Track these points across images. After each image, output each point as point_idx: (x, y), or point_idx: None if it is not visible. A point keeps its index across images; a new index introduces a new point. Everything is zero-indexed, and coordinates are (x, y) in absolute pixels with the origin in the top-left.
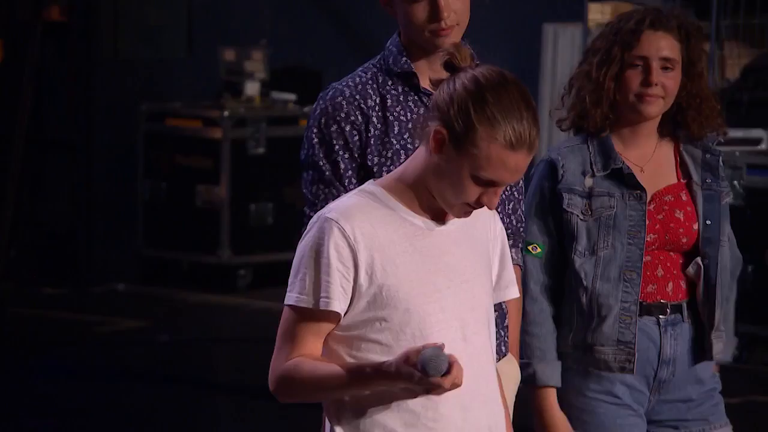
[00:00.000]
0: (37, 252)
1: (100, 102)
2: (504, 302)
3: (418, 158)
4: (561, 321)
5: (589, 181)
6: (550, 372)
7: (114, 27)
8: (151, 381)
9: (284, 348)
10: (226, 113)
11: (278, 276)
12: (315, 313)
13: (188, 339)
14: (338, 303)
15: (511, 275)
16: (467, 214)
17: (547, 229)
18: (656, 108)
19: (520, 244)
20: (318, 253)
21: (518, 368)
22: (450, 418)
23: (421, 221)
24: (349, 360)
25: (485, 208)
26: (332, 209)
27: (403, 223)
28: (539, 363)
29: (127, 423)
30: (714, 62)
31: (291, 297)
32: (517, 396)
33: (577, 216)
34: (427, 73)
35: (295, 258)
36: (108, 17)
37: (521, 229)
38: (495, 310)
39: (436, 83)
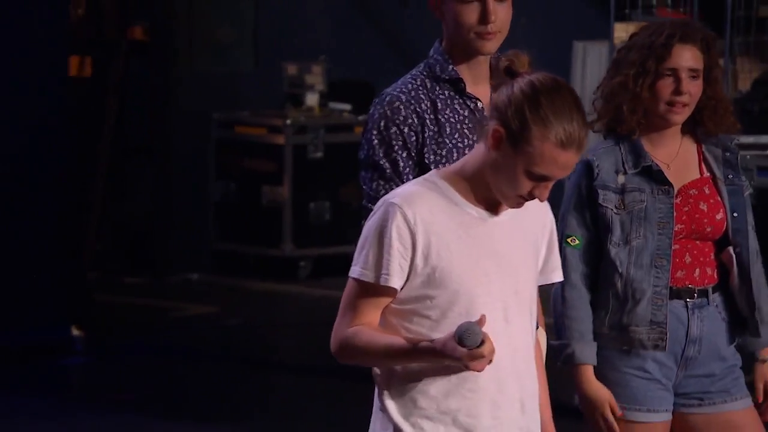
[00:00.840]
0: (121, 246)
1: (176, 112)
2: None
3: (476, 154)
4: (597, 305)
5: (621, 179)
6: (588, 351)
7: (189, 45)
8: (221, 360)
9: (346, 316)
10: (288, 121)
11: (335, 267)
12: (375, 288)
13: (254, 323)
14: (396, 279)
15: (557, 261)
16: (520, 205)
17: (584, 223)
18: (683, 117)
19: None
20: (381, 234)
21: (545, 337)
22: (486, 390)
23: (476, 211)
24: (402, 332)
25: (535, 204)
26: (397, 195)
27: (459, 212)
28: (578, 343)
29: (199, 397)
30: (728, 75)
31: (355, 270)
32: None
33: (612, 210)
34: (469, 76)
35: (361, 236)
36: (184, 36)
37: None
38: None
39: (495, 87)
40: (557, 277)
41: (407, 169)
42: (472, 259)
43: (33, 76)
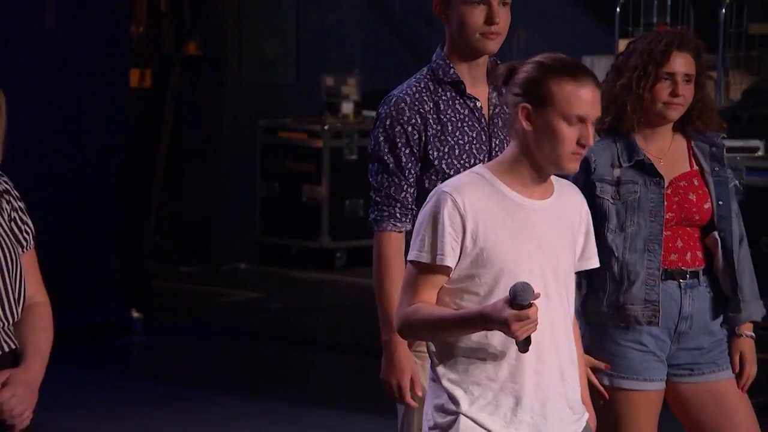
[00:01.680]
0: (176, 238)
1: (226, 119)
2: None
3: (512, 146)
4: (596, 287)
5: (617, 172)
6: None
7: (238, 59)
8: (264, 340)
9: (407, 295)
10: (326, 127)
11: (367, 257)
12: (432, 267)
13: (294, 307)
14: (450, 259)
15: (594, 249)
16: (577, 160)
17: None
18: (678, 114)
19: None
20: (435, 219)
21: None
22: (528, 360)
23: (519, 198)
24: (454, 308)
25: (574, 194)
26: (448, 185)
27: (504, 199)
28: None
29: (245, 372)
30: (720, 86)
31: (413, 254)
32: None
33: (608, 200)
34: (469, 79)
35: (416, 223)
36: (233, 51)
37: None
38: None
39: (499, 87)
40: (594, 263)
41: (409, 164)
42: (515, 241)
43: (98, 87)
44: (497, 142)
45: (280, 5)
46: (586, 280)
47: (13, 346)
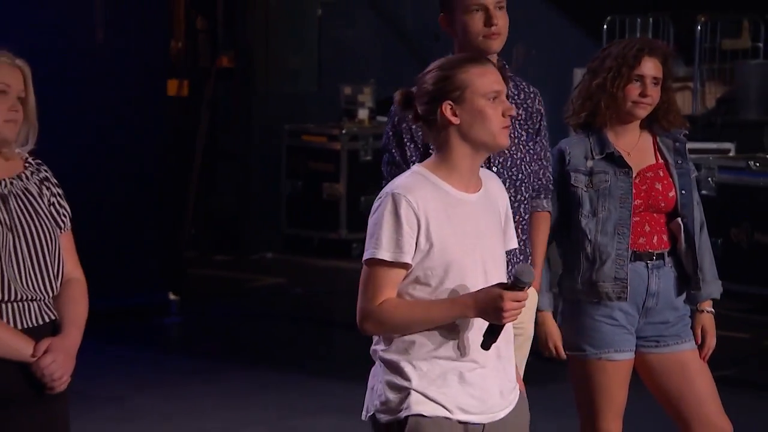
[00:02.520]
0: (211, 230)
1: (255, 124)
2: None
3: (441, 148)
4: (571, 266)
5: (590, 163)
6: (547, 301)
7: (265, 70)
8: (288, 320)
9: (369, 294)
10: (344, 131)
11: None
12: (393, 264)
13: (315, 291)
14: (409, 256)
15: (512, 232)
16: (507, 131)
17: (555, 199)
18: (645, 112)
19: (550, 196)
20: (393, 219)
21: (536, 298)
22: (471, 338)
23: (458, 194)
24: (406, 299)
25: (496, 184)
26: (397, 186)
27: (446, 196)
28: (539, 295)
29: (270, 348)
30: (697, 95)
31: (370, 252)
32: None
33: (582, 189)
34: None
35: (370, 225)
36: (261, 64)
37: (550, 185)
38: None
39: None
40: (513, 245)
41: (413, 157)
42: (459, 234)
43: (140, 96)
44: None
45: (303, 22)
46: (561, 259)
47: (53, 317)
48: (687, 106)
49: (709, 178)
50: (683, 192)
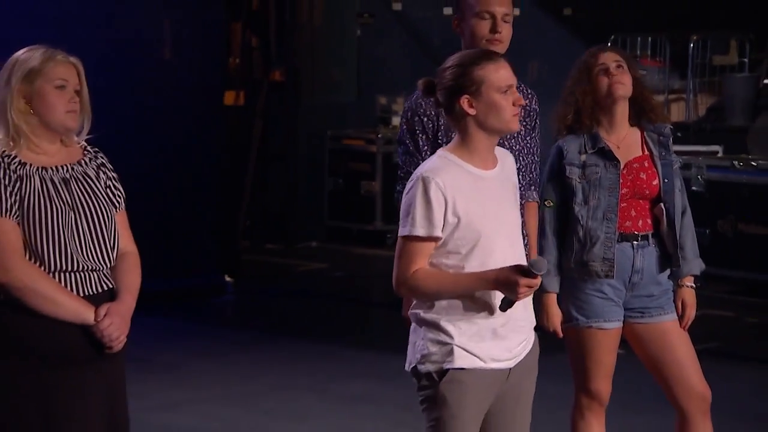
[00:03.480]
0: (263, 222)
1: (302, 130)
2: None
3: (461, 134)
4: (565, 248)
5: (583, 157)
6: (553, 283)
7: (311, 83)
8: (328, 300)
9: (406, 264)
10: (379, 136)
11: None
12: (425, 239)
13: (354, 275)
14: (439, 231)
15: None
16: (517, 117)
17: (556, 190)
18: (622, 92)
19: (538, 188)
20: (424, 200)
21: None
22: (497, 294)
23: (478, 171)
24: (440, 266)
25: (509, 159)
26: (426, 170)
27: (467, 175)
28: (545, 277)
29: (314, 324)
30: (689, 105)
31: (406, 230)
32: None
33: (576, 180)
34: None
35: (403, 206)
36: (307, 77)
37: (537, 179)
38: None
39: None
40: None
41: (425, 147)
42: (482, 207)
43: (201, 105)
44: None
45: (343, 41)
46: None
47: (110, 286)
48: (681, 114)
49: (699, 176)
50: (666, 180)
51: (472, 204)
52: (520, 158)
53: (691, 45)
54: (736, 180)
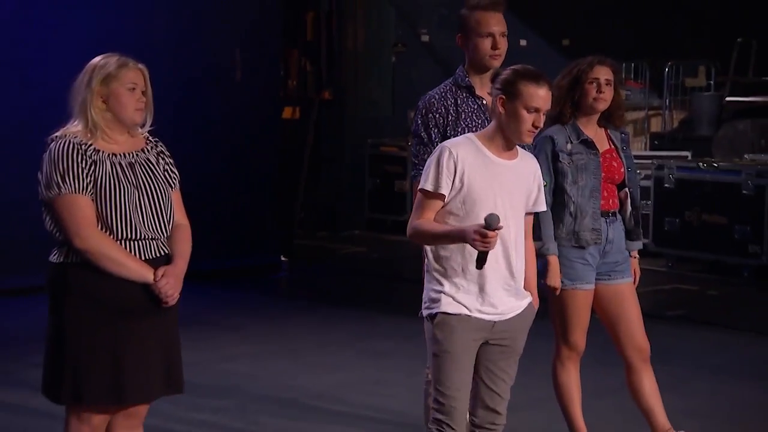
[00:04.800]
0: (314, 214)
1: (347, 138)
2: None
3: (492, 123)
4: (559, 221)
5: (569, 146)
6: (553, 247)
7: (355, 100)
8: (366, 276)
9: (416, 213)
10: (410, 143)
11: None
12: (433, 194)
13: (387, 257)
14: (445, 189)
15: (542, 199)
16: (532, 135)
17: (548, 172)
18: (604, 106)
19: None
20: (438, 163)
21: None
22: (488, 262)
23: (493, 157)
24: (444, 222)
25: (531, 161)
26: (449, 142)
27: (482, 156)
28: (548, 242)
29: (355, 295)
30: (665, 118)
31: (421, 184)
32: None
33: (566, 164)
34: (479, 85)
35: (426, 165)
36: (351, 95)
37: None
38: None
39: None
40: (541, 208)
41: (436, 139)
42: (487, 183)
43: (264, 118)
44: None
45: (381, 66)
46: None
47: (167, 252)
48: (659, 126)
49: (671, 175)
50: (629, 169)
51: (478, 178)
52: None
53: (667, 70)
54: (701, 178)
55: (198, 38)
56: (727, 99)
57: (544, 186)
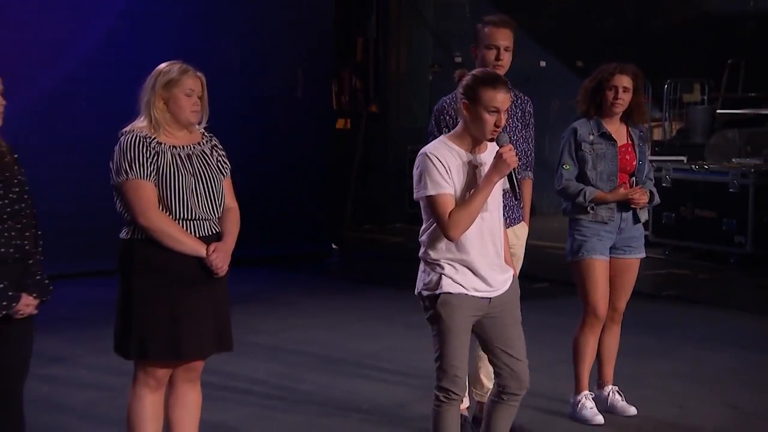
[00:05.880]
0: (363, 210)
1: (391, 146)
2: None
3: (460, 125)
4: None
5: (591, 137)
6: (590, 192)
7: (397, 113)
8: (405, 262)
9: (441, 217)
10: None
11: None
12: (442, 196)
13: (398, 244)
14: (449, 188)
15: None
16: (495, 133)
17: (571, 158)
18: (620, 109)
19: (531, 170)
20: (430, 168)
21: (527, 230)
22: (476, 246)
23: (466, 155)
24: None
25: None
26: (428, 150)
27: (458, 156)
28: (579, 197)
29: (395, 277)
30: (665, 128)
31: (424, 192)
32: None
33: (588, 152)
34: None
35: (415, 178)
36: (395, 109)
37: (532, 161)
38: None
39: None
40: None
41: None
42: (468, 179)
43: (320, 129)
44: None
45: (419, 84)
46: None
47: (218, 230)
48: (659, 135)
49: (668, 176)
50: (641, 162)
51: (461, 176)
52: (517, 145)
53: (666, 86)
54: (694, 179)
55: (266, 60)
56: (718, 111)
57: (567, 169)
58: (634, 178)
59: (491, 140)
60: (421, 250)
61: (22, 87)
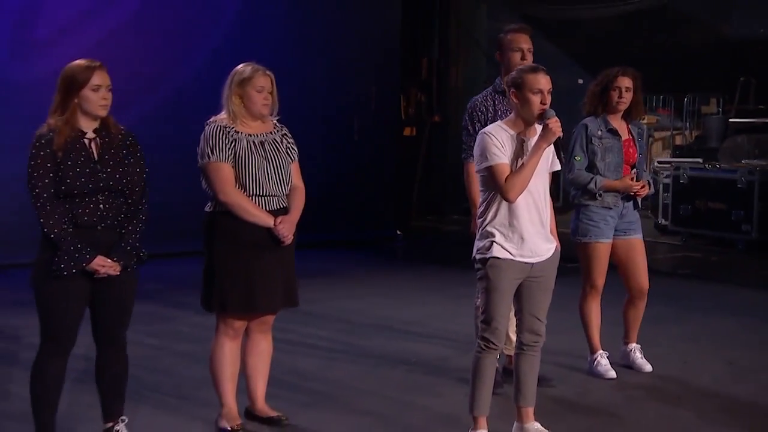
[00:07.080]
0: (426, 203)
1: (450, 151)
2: None
3: (513, 113)
4: (587, 189)
5: (599, 132)
6: (599, 181)
7: (456, 123)
8: (462, 246)
9: (497, 182)
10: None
11: None
12: (499, 166)
13: (455, 231)
14: (505, 158)
15: (557, 161)
16: (542, 109)
17: (582, 151)
18: (624, 107)
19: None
20: (488, 143)
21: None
22: (525, 216)
23: (518, 136)
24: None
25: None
26: (486, 129)
27: (511, 137)
28: (590, 184)
29: (454, 259)
30: (685, 136)
31: (485, 164)
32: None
33: (597, 146)
34: None
35: (477, 153)
36: (454, 119)
37: None
38: None
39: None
40: (557, 167)
41: (479, 131)
42: (517, 153)
43: (389, 136)
44: None
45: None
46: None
47: (285, 205)
48: (681, 141)
49: (685, 174)
50: (640, 155)
51: (510, 151)
52: None
53: (686, 100)
54: (707, 176)
55: (344, 77)
56: (731, 120)
57: (578, 161)
58: (635, 170)
59: (540, 118)
60: (479, 219)
61: (140, 99)
